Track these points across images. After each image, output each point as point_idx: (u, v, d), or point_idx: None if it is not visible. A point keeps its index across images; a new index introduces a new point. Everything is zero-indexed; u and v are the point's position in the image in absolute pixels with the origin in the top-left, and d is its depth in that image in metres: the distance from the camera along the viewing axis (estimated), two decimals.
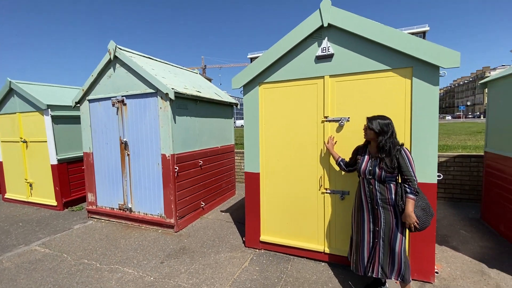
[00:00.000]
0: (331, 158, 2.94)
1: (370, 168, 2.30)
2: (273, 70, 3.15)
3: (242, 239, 3.75)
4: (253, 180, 3.40)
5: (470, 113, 73.13)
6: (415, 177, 2.17)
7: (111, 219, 4.63)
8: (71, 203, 5.45)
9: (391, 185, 2.25)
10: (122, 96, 4.20)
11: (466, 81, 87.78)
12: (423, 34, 50.45)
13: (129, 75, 4.13)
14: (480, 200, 4.73)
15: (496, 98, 3.78)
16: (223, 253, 3.41)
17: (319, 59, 2.90)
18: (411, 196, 2.15)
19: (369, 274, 2.36)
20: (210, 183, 4.98)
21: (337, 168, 2.91)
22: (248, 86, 3.31)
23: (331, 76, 2.87)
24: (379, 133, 2.22)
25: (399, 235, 2.23)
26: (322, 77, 2.91)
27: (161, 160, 4.00)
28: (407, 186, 2.17)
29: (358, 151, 2.50)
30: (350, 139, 2.83)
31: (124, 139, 4.29)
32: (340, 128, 2.89)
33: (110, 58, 4.16)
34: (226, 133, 5.53)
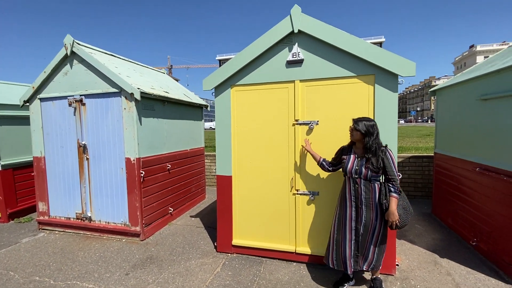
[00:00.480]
0: (304, 159, 3.02)
1: (357, 168, 2.41)
2: (245, 72, 3.15)
3: (214, 244, 3.67)
4: (225, 184, 3.35)
5: (419, 118, 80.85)
6: (397, 177, 2.34)
7: (66, 230, 4.21)
8: (18, 214, 4.84)
9: (376, 185, 2.39)
10: (81, 95, 3.87)
11: (416, 89, 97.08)
12: (379, 45, 54.73)
13: (88, 73, 3.82)
14: (431, 197, 5.23)
15: (443, 104, 4.23)
16: (193, 259, 3.30)
17: (290, 63, 2.98)
18: (394, 195, 2.30)
19: (350, 270, 2.50)
20: (179, 187, 4.80)
21: (311, 171, 3.01)
22: (220, 88, 3.27)
23: (301, 80, 2.96)
24: (365, 134, 2.34)
25: (376, 232, 2.40)
26: (293, 81, 2.99)
27: (125, 164, 3.75)
28: (391, 185, 2.33)
29: (343, 151, 2.59)
30: (320, 142, 2.94)
31: (83, 142, 3.95)
32: (310, 131, 2.98)
33: (67, 54, 3.81)
34: (195, 136, 5.39)
